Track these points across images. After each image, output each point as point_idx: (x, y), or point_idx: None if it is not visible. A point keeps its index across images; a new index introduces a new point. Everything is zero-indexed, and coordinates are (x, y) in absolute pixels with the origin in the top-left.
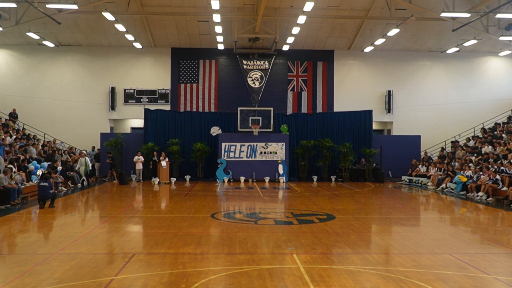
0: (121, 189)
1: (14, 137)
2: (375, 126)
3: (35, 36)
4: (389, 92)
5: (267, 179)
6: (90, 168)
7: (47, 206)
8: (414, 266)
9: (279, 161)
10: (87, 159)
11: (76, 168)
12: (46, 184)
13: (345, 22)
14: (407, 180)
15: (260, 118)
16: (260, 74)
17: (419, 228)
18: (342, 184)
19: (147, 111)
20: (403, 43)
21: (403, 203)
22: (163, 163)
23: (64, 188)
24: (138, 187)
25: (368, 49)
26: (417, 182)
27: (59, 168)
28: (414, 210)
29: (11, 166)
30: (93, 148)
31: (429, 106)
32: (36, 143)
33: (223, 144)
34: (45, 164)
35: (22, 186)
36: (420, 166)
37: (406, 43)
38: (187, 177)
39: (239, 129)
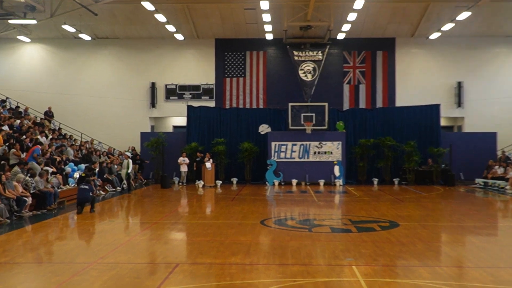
0: (163, 193)
1: (50, 137)
2: (443, 123)
3: (70, 29)
4: (459, 83)
5: (321, 182)
6: (131, 170)
7: (85, 211)
8: (492, 282)
9: (335, 162)
10: (130, 161)
11: (119, 171)
12: (87, 187)
13: (407, 6)
14: (482, 183)
15: (314, 114)
16: (312, 66)
17: (497, 238)
18: (407, 187)
19: (190, 108)
20: (475, 28)
21: (478, 209)
22: (208, 165)
23: (102, 192)
24: (181, 190)
25: (435, 35)
26: (493, 185)
27: (97, 170)
28: (490, 217)
29: (47, 168)
30: (132, 148)
31: (506, 99)
32: (73, 143)
33: (273, 144)
34: (82, 166)
35: (59, 190)
36: (497, 167)
37: (478, 28)
38: (234, 180)
39: (290, 127)
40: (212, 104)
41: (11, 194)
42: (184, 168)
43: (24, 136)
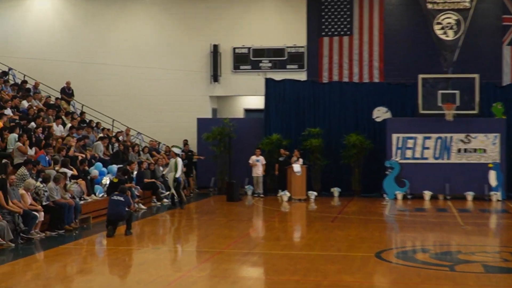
0: (231, 209)
1: (68, 125)
2: None
3: None
4: None
5: (469, 195)
6: (179, 174)
7: (119, 233)
8: None
9: (490, 165)
10: (180, 161)
11: (165, 173)
12: (121, 198)
13: None
14: None
15: (457, 92)
16: (455, 18)
17: None
18: None
19: (270, 83)
20: None
21: None
22: (296, 167)
23: (142, 206)
24: (256, 205)
25: None
26: None
27: (134, 174)
28: None
29: (65, 170)
30: (184, 142)
31: None
32: (102, 134)
33: (395, 136)
34: (115, 168)
35: (81, 202)
36: None
37: None
38: (336, 191)
39: (421, 111)
40: (302, 76)
41: (16, 207)
42: (258, 172)
43: (33, 124)
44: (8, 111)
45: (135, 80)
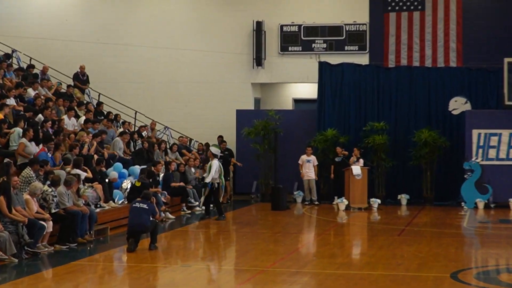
0: (276, 219)
1: (82, 117)
2: None
3: None
4: None
5: None
6: (212, 179)
7: (142, 247)
8: None
9: None
10: (215, 164)
11: (200, 178)
12: (145, 206)
13: None
14: None
15: None
16: None
17: None
18: None
19: (324, 67)
20: None
21: None
22: (356, 169)
23: (170, 215)
24: (307, 215)
25: None
26: None
27: (161, 176)
28: None
29: (78, 172)
30: (220, 139)
31: None
32: (124, 130)
33: (475, 133)
34: (137, 169)
35: (97, 210)
36: None
37: None
38: (403, 198)
39: (507, 102)
40: (364, 60)
41: (20, 216)
42: (310, 175)
43: (40, 116)
44: (11, 101)
45: (163, 64)
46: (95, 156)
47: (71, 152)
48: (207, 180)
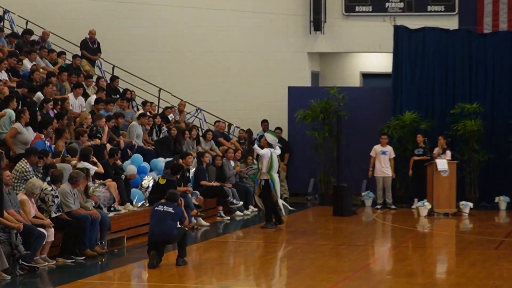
0: (340, 227)
1: (93, 96)
2: None
3: None
4: None
5: None
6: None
7: (167, 261)
8: None
9: None
10: (274, 154)
11: (246, 174)
12: (171, 210)
13: None
14: None
15: None
16: None
17: None
18: None
19: (401, 33)
20: None
21: None
22: (442, 164)
23: (203, 222)
24: (379, 222)
25: None
26: None
27: (192, 172)
28: None
29: (87, 165)
30: (264, 126)
31: None
32: (144, 112)
33: None
34: (161, 161)
35: (111, 214)
36: None
37: None
38: (502, 201)
39: None
40: (452, 23)
41: (14, 221)
42: (385, 171)
43: (39, 94)
44: (2, 75)
45: (193, 28)
46: (108, 146)
47: (77, 141)
48: (264, 176)
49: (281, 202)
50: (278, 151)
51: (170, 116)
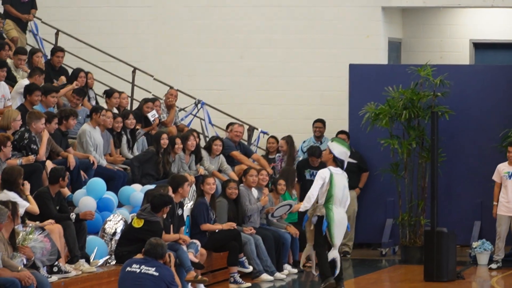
0: None
1: (23, 81)
2: None
3: None
4: None
5: None
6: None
7: None
8: None
9: None
10: (339, 179)
11: (272, 216)
12: (153, 271)
13: None
14: None
15: None
16: None
17: None
18: None
19: None
20: None
21: None
22: None
23: None
24: None
25: None
26: None
27: (188, 209)
28: None
29: (15, 196)
30: (318, 128)
31: None
32: (109, 108)
33: None
34: (137, 190)
35: (53, 278)
36: None
37: None
38: None
39: None
40: None
41: None
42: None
43: None
44: None
45: None
46: (49, 164)
47: None
48: (304, 207)
49: (334, 255)
50: (343, 174)
51: (152, 115)
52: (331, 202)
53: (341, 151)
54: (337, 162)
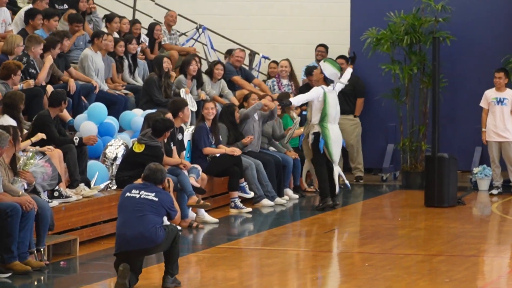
0: (437, 226)
1: (26, 7)
2: None
3: None
4: None
5: None
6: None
7: (148, 281)
8: None
9: None
10: (331, 96)
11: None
12: (152, 196)
13: None
14: None
15: None
16: None
17: None
18: None
19: None
20: None
21: None
22: None
23: (208, 216)
24: (497, 215)
25: None
26: None
27: (188, 134)
28: None
29: (12, 121)
30: (320, 53)
31: None
32: (110, 32)
33: None
34: (138, 115)
35: (55, 203)
36: None
37: None
38: None
39: None
40: None
41: None
42: (500, 134)
43: None
44: None
45: None
46: (49, 89)
47: (4, 82)
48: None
49: (338, 170)
50: (338, 86)
51: (143, 39)
52: (326, 120)
53: (331, 72)
54: (328, 82)
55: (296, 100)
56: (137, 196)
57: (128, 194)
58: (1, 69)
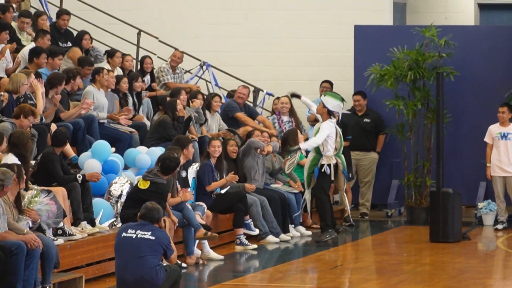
0: (442, 261)
1: (29, 45)
2: None
3: None
4: None
5: None
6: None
7: None
8: None
9: None
10: (329, 127)
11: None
12: (148, 235)
13: None
14: None
15: None
16: None
17: None
18: None
19: None
20: None
21: None
22: None
23: (213, 253)
24: (503, 249)
25: None
26: None
27: (193, 171)
28: None
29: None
30: (325, 88)
31: None
32: (110, 68)
33: None
34: (143, 152)
35: (60, 241)
36: None
37: None
38: None
39: None
40: None
41: None
42: (505, 169)
43: None
44: None
45: None
46: (53, 127)
47: (11, 121)
48: (306, 145)
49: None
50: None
51: (144, 80)
52: (340, 150)
53: (334, 104)
54: (332, 115)
55: (312, 144)
56: (134, 236)
57: (124, 234)
58: (16, 109)
